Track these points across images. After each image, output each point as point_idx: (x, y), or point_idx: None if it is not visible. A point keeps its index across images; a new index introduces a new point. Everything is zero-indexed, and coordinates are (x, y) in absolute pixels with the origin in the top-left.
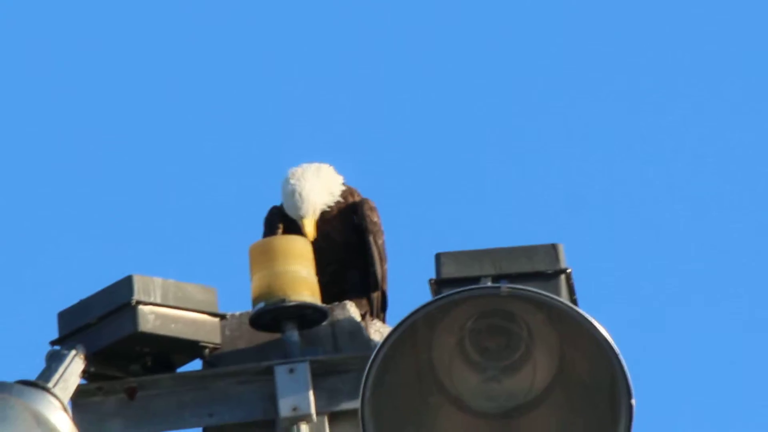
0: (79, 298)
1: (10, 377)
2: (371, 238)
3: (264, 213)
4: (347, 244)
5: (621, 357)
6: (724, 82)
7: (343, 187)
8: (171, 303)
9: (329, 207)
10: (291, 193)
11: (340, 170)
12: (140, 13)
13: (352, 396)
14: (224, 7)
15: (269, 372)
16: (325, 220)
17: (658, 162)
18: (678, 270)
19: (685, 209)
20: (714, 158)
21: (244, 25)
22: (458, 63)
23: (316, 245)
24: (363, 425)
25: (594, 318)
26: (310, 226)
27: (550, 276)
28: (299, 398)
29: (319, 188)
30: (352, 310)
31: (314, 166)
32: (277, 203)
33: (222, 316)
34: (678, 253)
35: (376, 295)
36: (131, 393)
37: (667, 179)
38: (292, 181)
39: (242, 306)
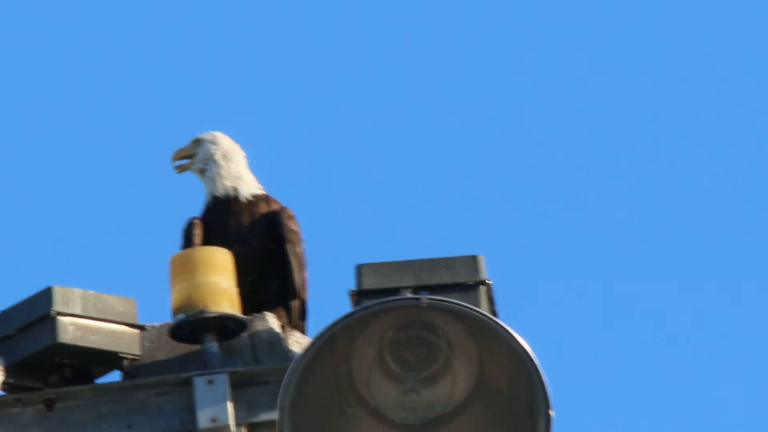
0: None
1: None
2: (289, 246)
3: (183, 224)
4: (265, 251)
5: (540, 368)
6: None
7: (263, 195)
8: (91, 314)
9: (245, 201)
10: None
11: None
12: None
13: (271, 407)
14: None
15: (188, 383)
16: (243, 225)
17: (579, 174)
18: (599, 282)
19: (611, 221)
20: (628, 172)
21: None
22: (378, 77)
23: (234, 250)
24: None
25: (513, 329)
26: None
27: (470, 287)
28: (218, 409)
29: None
30: (272, 321)
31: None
32: (195, 214)
33: (142, 328)
34: (600, 266)
35: (294, 304)
36: (50, 404)
37: (587, 191)
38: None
39: (162, 317)
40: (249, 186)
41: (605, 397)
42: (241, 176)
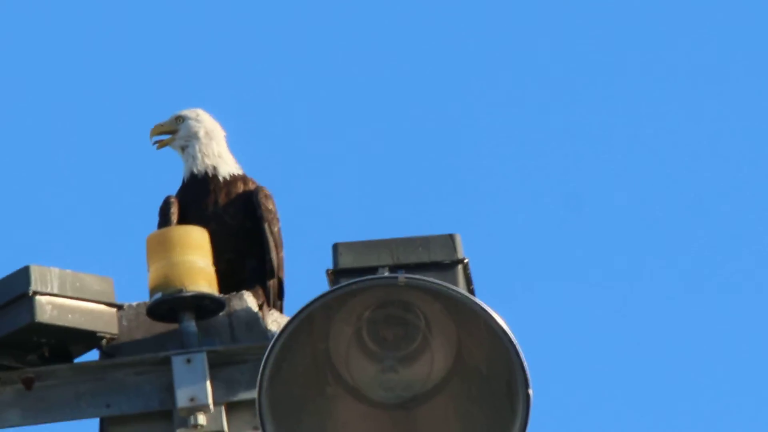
0: None
1: None
2: (266, 225)
3: (159, 203)
4: (242, 230)
5: (518, 347)
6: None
7: (240, 174)
8: (68, 293)
9: (223, 179)
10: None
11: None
12: None
13: (250, 386)
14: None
15: (166, 362)
16: (219, 203)
17: (554, 153)
18: (577, 262)
19: (588, 201)
20: (599, 149)
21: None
22: (355, 57)
23: (210, 228)
24: (260, 415)
25: (491, 308)
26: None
27: (448, 266)
28: (196, 389)
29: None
30: (250, 300)
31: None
32: (171, 192)
33: (119, 307)
34: (576, 244)
35: (272, 283)
36: (28, 383)
37: (564, 170)
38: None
39: (139, 296)
40: (228, 165)
41: (584, 376)
42: (221, 155)
